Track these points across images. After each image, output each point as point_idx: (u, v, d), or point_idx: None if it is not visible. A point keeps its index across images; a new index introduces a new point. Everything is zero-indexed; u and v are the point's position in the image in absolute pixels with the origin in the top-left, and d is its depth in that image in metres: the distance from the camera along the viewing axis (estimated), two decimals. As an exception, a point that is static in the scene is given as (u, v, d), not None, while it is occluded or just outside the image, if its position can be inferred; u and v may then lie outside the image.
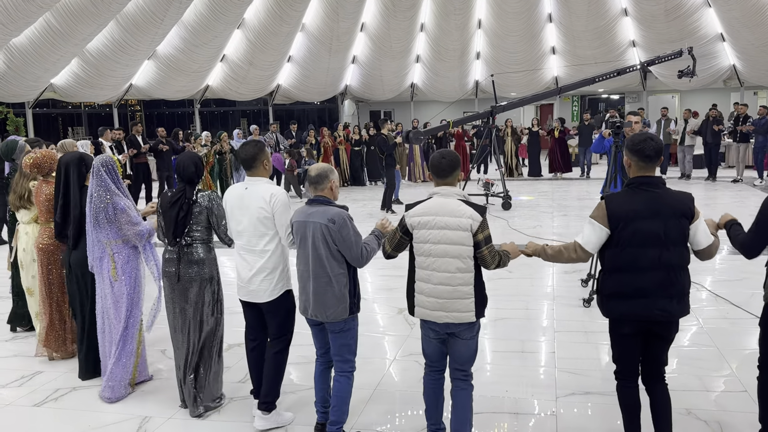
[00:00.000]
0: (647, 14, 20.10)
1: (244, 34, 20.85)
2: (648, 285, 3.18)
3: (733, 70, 20.74)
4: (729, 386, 4.39)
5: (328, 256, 3.56)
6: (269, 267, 3.82)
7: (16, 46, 16.68)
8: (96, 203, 4.25)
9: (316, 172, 3.66)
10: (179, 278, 4.07)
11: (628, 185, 3.29)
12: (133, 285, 4.44)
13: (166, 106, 26.98)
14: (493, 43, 22.28)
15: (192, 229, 4.05)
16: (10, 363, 5.19)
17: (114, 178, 4.31)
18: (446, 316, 3.36)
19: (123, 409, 4.28)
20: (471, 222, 3.31)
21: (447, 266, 3.34)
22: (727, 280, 6.82)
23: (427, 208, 3.41)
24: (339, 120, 25.58)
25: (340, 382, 3.69)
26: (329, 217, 3.54)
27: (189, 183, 4.06)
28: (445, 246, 3.33)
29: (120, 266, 4.38)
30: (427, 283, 3.39)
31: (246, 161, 3.87)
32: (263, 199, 3.76)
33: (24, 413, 4.29)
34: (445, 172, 3.45)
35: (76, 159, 4.64)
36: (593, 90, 24.64)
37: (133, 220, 4.31)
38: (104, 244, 4.36)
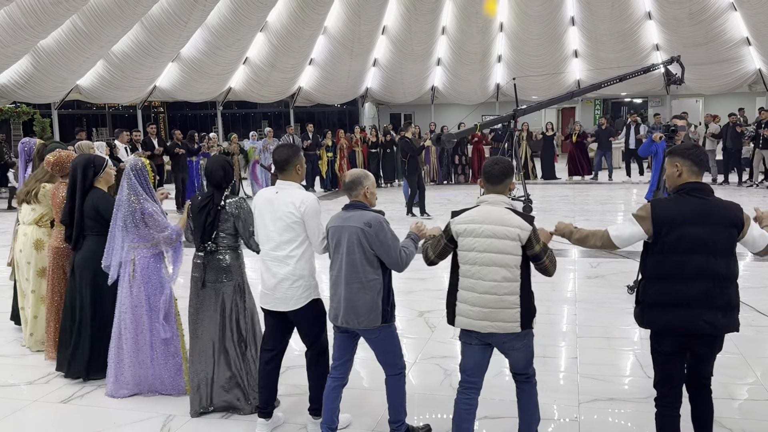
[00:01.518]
0: (671, 18, 19.90)
1: (266, 37, 20.99)
2: (692, 295, 3.08)
3: (759, 75, 20.46)
4: (754, 394, 4.35)
5: (362, 261, 3.50)
6: (296, 274, 3.72)
7: (43, 48, 16.97)
8: (125, 207, 4.25)
9: (351, 178, 3.64)
10: (204, 284, 4.05)
11: (677, 191, 3.22)
12: (152, 291, 4.39)
13: (189, 108, 27.25)
14: (515, 46, 22.20)
15: (218, 236, 4.02)
16: (37, 360, 5.26)
17: (143, 182, 4.29)
18: (491, 326, 3.30)
19: (147, 406, 4.33)
20: (519, 232, 3.26)
21: (493, 275, 3.28)
22: (751, 287, 6.74)
23: (474, 216, 3.35)
24: (359, 122, 25.67)
25: (391, 385, 3.67)
26: (365, 221, 3.49)
27: (217, 188, 4.03)
28: (491, 255, 3.28)
29: (139, 271, 4.36)
30: (471, 292, 3.33)
31: (279, 164, 3.81)
32: (293, 204, 3.68)
33: (50, 410, 4.37)
34: (497, 179, 3.40)
35: (84, 161, 4.66)
36: (616, 94, 24.46)
37: (161, 224, 4.29)
38: (130, 247, 4.36)
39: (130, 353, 4.41)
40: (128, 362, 4.41)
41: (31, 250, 5.34)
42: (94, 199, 4.61)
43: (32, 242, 5.34)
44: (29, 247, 5.34)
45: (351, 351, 3.75)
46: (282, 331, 3.92)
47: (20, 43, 15.89)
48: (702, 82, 21.14)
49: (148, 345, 4.41)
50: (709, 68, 20.35)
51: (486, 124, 14.25)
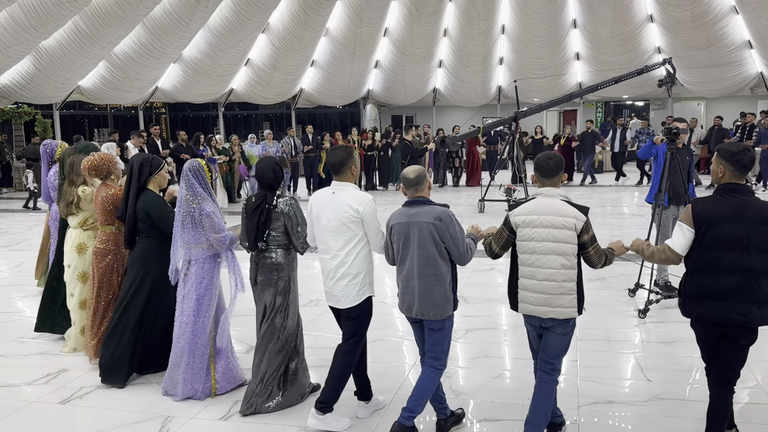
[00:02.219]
0: (673, 21, 19.91)
1: (268, 38, 21.01)
2: (727, 287, 3.28)
3: (761, 78, 20.46)
4: (754, 398, 4.33)
5: (435, 254, 3.63)
6: (353, 272, 3.84)
7: (45, 48, 17.00)
8: (184, 207, 4.28)
9: (415, 174, 3.74)
10: (256, 282, 4.14)
11: (717, 191, 3.41)
12: (204, 291, 4.38)
13: (191, 109, 27.29)
14: (517, 49, 22.20)
15: (269, 234, 4.08)
16: (36, 361, 5.26)
17: (202, 182, 4.33)
18: (551, 311, 3.51)
19: (146, 407, 4.32)
20: (575, 221, 3.49)
21: (552, 263, 3.50)
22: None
23: (532, 208, 3.58)
24: (361, 124, 25.68)
25: (428, 375, 3.74)
26: (435, 215, 3.63)
27: (269, 189, 4.09)
28: (550, 244, 3.49)
29: (194, 271, 4.36)
30: (531, 280, 3.55)
31: (335, 166, 3.89)
32: (351, 205, 3.79)
33: (49, 410, 4.35)
34: (552, 172, 3.63)
35: (141, 159, 4.65)
36: (617, 96, 24.45)
37: (217, 226, 4.30)
38: (188, 247, 4.38)
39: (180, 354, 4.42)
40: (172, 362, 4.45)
41: (73, 254, 5.28)
42: (146, 201, 4.57)
43: (75, 246, 5.27)
44: (71, 250, 5.29)
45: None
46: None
47: (22, 43, 15.91)
48: (704, 85, 21.14)
49: (187, 348, 4.38)
50: (711, 71, 20.36)
51: (488, 126, 14.28)
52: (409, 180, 3.75)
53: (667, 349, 5.26)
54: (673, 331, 5.60)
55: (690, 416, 4.06)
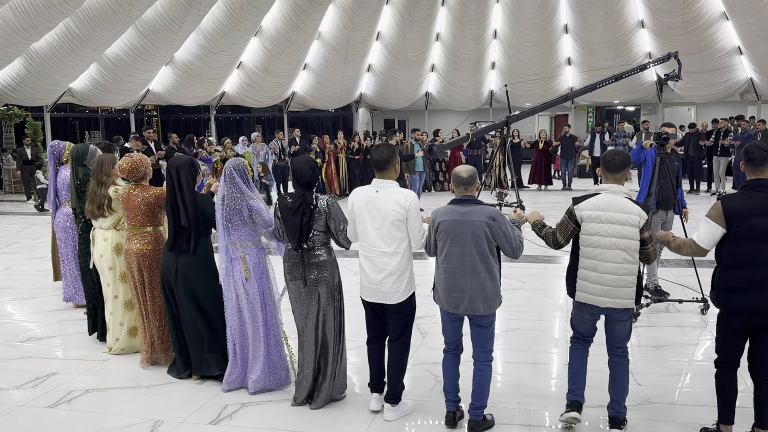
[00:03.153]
0: (664, 26, 20.03)
1: (261, 41, 20.98)
2: (763, 278, 3.45)
3: (751, 84, 20.61)
4: (744, 402, 4.32)
5: (487, 252, 3.76)
6: (400, 269, 3.95)
7: (36, 50, 16.90)
8: (230, 206, 4.30)
9: (468, 174, 3.85)
10: (306, 282, 4.16)
11: (743, 187, 3.60)
12: (266, 286, 4.48)
13: (183, 111, 27.21)
14: (509, 54, 22.27)
15: (313, 233, 4.13)
16: (25, 364, 5.23)
17: (246, 180, 4.37)
18: (610, 302, 3.72)
19: (135, 412, 4.30)
20: (639, 219, 3.68)
21: (615, 257, 3.68)
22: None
23: (597, 204, 3.75)
24: (353, 128, 25.69)
25: (482, 371, 3.92)
26: (489, 215, 3.76)
27: (307, 188, 4.11)
28: (614, 239, 3.67)
29: (251, 267, 4.41)
30: (593, 272, 3.74)
31: (380, 163, 3.98)
32: (398, 202, 3.88)
33: (38, 414, 4.33)
34: (617, 168, 3.81)
35: (187, 163, 4.61)
36: (609, 101, 24.57)
37: (267, 221, 4.38)
38: (236, 246, 4.40)
39: (252, 349, 4.50)
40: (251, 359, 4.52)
41: (113, 255, 5.26)
42: (203, 202, 4.62)
43: (113, 247, 5.26)
44: (110, 252, 5.26)
45: (461, 331, 4.04)
46: (383, 320, 4.16)
47: (13, 45, 15.81)
48: (694, 91, 21.27)
49: (263, 341, 4.47)
50: (701, 77, 20.47)
51: (478, 132, 14.18)
52: (461, 179, 3.84)
53: (657, 353, 5.28)
54: (662, 335, 5.62)
55: (679, 420, 4.08)
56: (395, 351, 4.11)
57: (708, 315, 6.12)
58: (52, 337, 5.94)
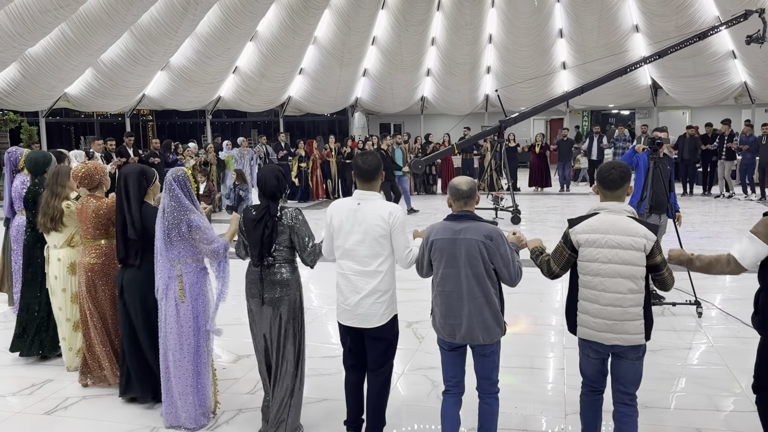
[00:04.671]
0: (658, 30, 20.10)
1: (256, 46, 21.00)
2: None
3: (745, 87, 20.71)
4: (739, 406, 4.37)
5: (484, 274, 3.36)
6: (381, 289, 3.57)
7: (31, 55, 16.88)
8: (169, 219, 3.95)
9: (468, 187, 3.45)
10: (263, 301, 3.80)
11: None
12: (201, 309, 4.11)
13: (178, 116, 27.17)
14: (504, 58, 22.34)
15: (276, 249, 3.77)
16: (21, 371, 5.22)
17: (187, 192, 4.01)
18: (615, 338, 3.23)
19: (131, 419, 4.29)
20: (645, 242, 3.18)
21: (618, 287, 3.20)
22: (737, 299, 6.79)
23: (596, 226, 3.27)
24: (349, 132, 25.72)
25: (489, 404, 3.52)
26: (485, 233, 3.35)
27: (272, 198, 3.78)
28: (616, 266, 3.19)
29: (188, 287, 4.05)
30: (594, 304, 3.26)
31: (368, 172, 3.60)
32: (381, 216, 3.52)
33: (34, 421, 4.32)
34: (615, 184, 3.33)
35: (137, 172, 4.35)
36: (603, 105, 24.65)
37: (209, 237, 4.01)
38: (173, 263, 4.04)
39: (176, 377, 4.09)
40: (175, 387, 4.10)
41: (67, 276, 4.96)
42: (147, 216, 4.28)
43: (67, 266, 4.96)
44: (64, 273, 4.96)
45: (463, 366, 3.60)
46: (363, 347, 3.74)
47: (8, 50, 15.79)
48: (688, 95, 21.37)
49: (192, 369, 4.10)
50: (696, 81, 20.58)
51: (464, 143, 13.81)
52: (460, 192, 3.44)
53: (651, 357, 5.27)
54: (657, 339, 5.63)
55: (674, 424, 4.09)
56: (375, 384, 3.70)
57: (703, 319, 6.15)
58: (48, 344, 5.92)
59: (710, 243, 9.83)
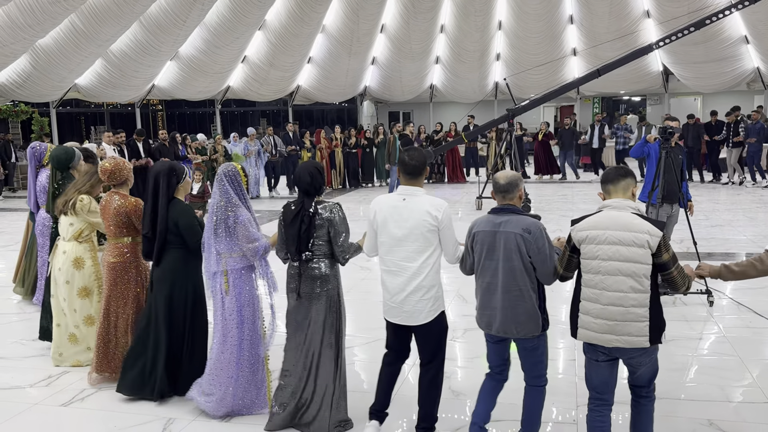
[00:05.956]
0: (670, 16, 19.89)
1: (265, 35, 20.98)
2: None
3: (757, 73, 20.49)
4: (750, 396, 4.37)
5: (521, 268, 3.35)
6: (427, 285, 3.56)
7: (41, 47, 16.97)
8: (218, 214, 4.05)
9: (506, 180, 3.46)
10: (299, 295, 3.85)
11: None
12: (245, 302, 4.16)
13: (188, 106, 27.23)
14: (514, 45, 22.19)
15: (314, 243, 3.80)
16: (37, 362, 5.28)
17: (237, 188, 4.10)
18: (616, 340, 3.14)
19: (148, 410, 4.35)
20: (648, 238, 3.08)
21: (619, 285, 3.11)
22: (749, 288, 6.76)
23: (596, 222, 3.21)
24: (358, 121, 25.68)
25: (530, 396, 3.54)
26: (524, 227, 3.34)
27: (306, 194, 3.83)
28: (617, 263, 3.11)
29: (232, 281, 4.12)
30: (594, 304, 3.18)
31: (416, 168, 3.61)
32: (428, 212, 3.50)
33: (51, 413, 4.39)
34: (616, 180, 3.29)
35: (167, 169, 4.36)
36: (614, 92, 24.47)
37: (251, 235, 4.06)
38: (221, 257, 4.13)
39: (216, 369, 4.17)
40: (216, 378, 4.18)
41: (71, 269, 4.97)
42: (176, 211, 4.32)
43: (72, 260, 4.96)
44: (68, 266, 4.96)
45: (507, 354, 3.65)
46: (407, 341, 3.80)
47: (19, 42, 15.88)
48: (700, 80, 21.17)
49: (235, 362, 4.14)
50: (708, 66, 20.37)
51: (472, 133, 13.86)
52: (498, 186, 3.47)
53: (662, 348, 5.26)
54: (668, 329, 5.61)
55: (685, 415, 4.10)
56: (425, 378, 3.71)
57: (714, 308, 6.14)
58: (64, 335, 5.99)
59: (721, 231, 9.78)
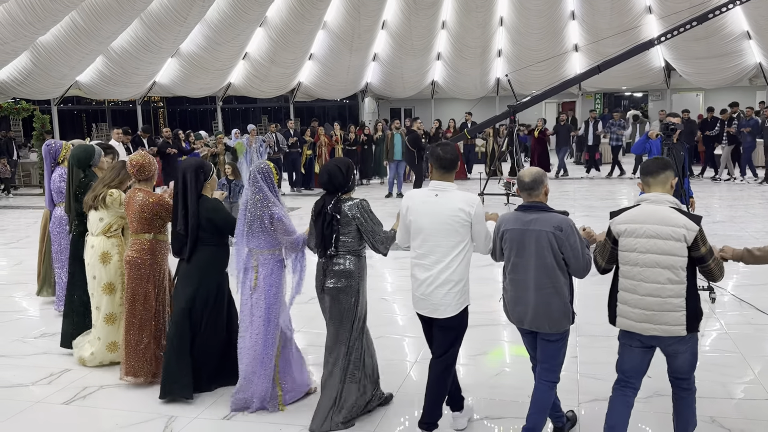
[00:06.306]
0: (671, 11, 19.84)
1: (266, 32, 20.96)
2: None
3: (759, 69, 20.43)
4: (752, 393, 4.36)
5: (553, 265, 3.42)
6: (455, 279, 3.62)
7: (42, 44, 16.96)
8: (252, 211, 4.09)
9: (531, 178, 3.51)
10: (323, 289, 3.95)
11: None
12: (272, 300, 4.21)
13: (189, 103, 27.26)
14: (515, 41, 22.15)
15: (339, 240, 3.86)
16: (39, 360, 5.29)
17: (270, 185, 4.14)
18: (653, 329, 3.25)
19: (150, 407, 4.35)
20: (686, 232, 3.18)
21: (656, 277, 3.22)
22: (751, 285, 6.76)
23: (635, 216, 3.30)
24: (359, 117, 25.66)
25: (540, 390, 3.59)
26: (555, 224, 3.40)
27: (328, 192, 3.91)
28: (654, 256, 3.22)
29: (262, 277, 4.18)
30: (632, 294, 3.30)
31: (451, 162, 3.65)
32: (461, 208, 3.56)
33: (53, 411, 4.39)
34: (656, 173, 3.37)
35: (194, 166, 4.38)
36: (616, 88, 24.42)
37: (289, 229, 4.12)
38: (252, 253, 4.19)
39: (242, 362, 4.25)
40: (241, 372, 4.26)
41: (97, 264, 4.96)
42: (208, 208, 4.34)
43: (99, 255, 4.95)
44: (96, 261, 4.95)
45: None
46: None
47: (19, 39, 15.86)
48: (702, 76, 21.12)
49: (260, 358, 4.21)
50: (710, 62, 20.32)
51: (475, 129, 13.98)
52: (523, 183, 3.52)
53: (666, 345, 5.29)
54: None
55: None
56: (436, 369, 3.77)
57: (716, 305, 6.13)
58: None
59: (723, 228, 9.78)
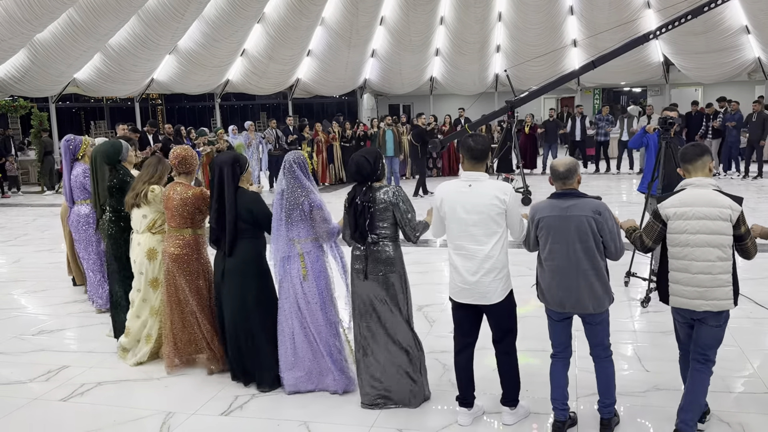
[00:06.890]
0: (670, 6, 19.80)
1: (264, 28, 20.91)
2: None
3: (758, 63, 20.42)
4: (751, 387, 4.36)
5: (593, 248, 3.58)
6: (499, 266, 3.74)
7: (39, 41, 16.91)
8: (289, 200, 4.18)
9: (565, 168, 3.65)
10: (366, 276, 4.00)
11: None
12: (324, 286, 4.32)
13: (187, 100, 27.20)
14: (514, 36, 22.12)
15: (378, 227, 3.96)
16: (37, 357, 5.28)
17: (307, 174, 4.24)
18: (706, 305, 3.47)
19: (147, 404, 4.35)
20: (731, 212, 3.42)
21: (707, 255, 3.45)
22: (750, 279, 6.74)
23: (683, 200, 3.52)
24: (358, 113, 25.63)
25: (605, 368, 3.77)
26: (593, 208, 3.57)
27: (358, 182, 4.01)
28: (704, 236, 3.44)
29: (309, 265, 4.26)
30: (684, 273, 3.51)
31: (482, 153, 3.76)
32: (496, 196, 3.67)
33: (51, 407, 4.38)
34: (695, 160, 3.56)
35: (231, 160, 4.43)
36: (615, 83, 24.39)
37: (326, 216, 4.22)
38: (294, 242, 4.25)
39: (306, 351, 4.33)
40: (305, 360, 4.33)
41: (144, 260, 4.99)
42: (247, 200, 4.39)
43: (145, 251, 4.97)
44: (142, 257, 4.99)
45: (570, 333, 3.87)
46: (476, 323, 3.96)
47: (17, 36, 15.82)
48: (701, 71, 21.09)
49: (325, 342, 4.32)
50: (708, 57, 20.29)
51: (475, 124, 14.01)
52: (558, 173, 3.66)
53: (664, 339, 5.27)
54: (669, 321, 5.57)
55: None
56: (503, 353, 3.91)
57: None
58: (64, 330, 5.99)
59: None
